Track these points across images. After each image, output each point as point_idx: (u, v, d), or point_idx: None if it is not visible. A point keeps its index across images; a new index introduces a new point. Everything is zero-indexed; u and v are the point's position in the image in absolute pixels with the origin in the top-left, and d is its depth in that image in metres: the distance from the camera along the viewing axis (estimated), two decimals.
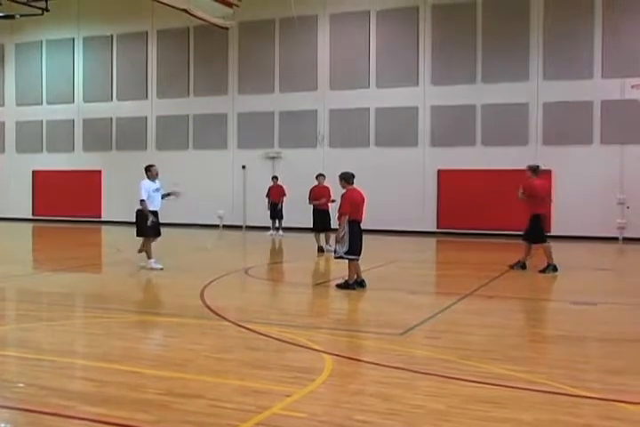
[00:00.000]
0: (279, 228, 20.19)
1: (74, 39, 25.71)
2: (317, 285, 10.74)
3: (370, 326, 7.80)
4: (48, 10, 22.17)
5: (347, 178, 10.05)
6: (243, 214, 22.80)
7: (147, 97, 24.55)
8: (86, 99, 25.56)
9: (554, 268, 11.84)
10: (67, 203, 25.32)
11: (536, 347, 6.75)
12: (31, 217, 26.11)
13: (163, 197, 12.21)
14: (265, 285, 11.20)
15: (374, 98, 21.41)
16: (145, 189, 11.76)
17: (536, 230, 11.95)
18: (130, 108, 24.73)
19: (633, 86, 18.15)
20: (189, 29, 23.55)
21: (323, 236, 15.20)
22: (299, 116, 22.32)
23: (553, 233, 18.91)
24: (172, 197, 12.47)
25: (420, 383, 5.25)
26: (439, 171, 20.76)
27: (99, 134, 25.22)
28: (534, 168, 12.16)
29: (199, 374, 5.46)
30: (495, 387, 5.09)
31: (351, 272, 9.89)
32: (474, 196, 19.97)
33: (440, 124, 20.75)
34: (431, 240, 19.45)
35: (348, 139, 21.72)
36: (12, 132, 26.88)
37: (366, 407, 4.64)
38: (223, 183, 23.24)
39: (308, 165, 20.58)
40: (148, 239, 12.00)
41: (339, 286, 9.95)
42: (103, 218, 24.83)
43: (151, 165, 12.16)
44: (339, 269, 10.65)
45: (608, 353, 6.44)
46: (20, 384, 5.17)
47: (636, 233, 18.50)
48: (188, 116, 23.90)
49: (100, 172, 25.03)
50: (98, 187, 25.06)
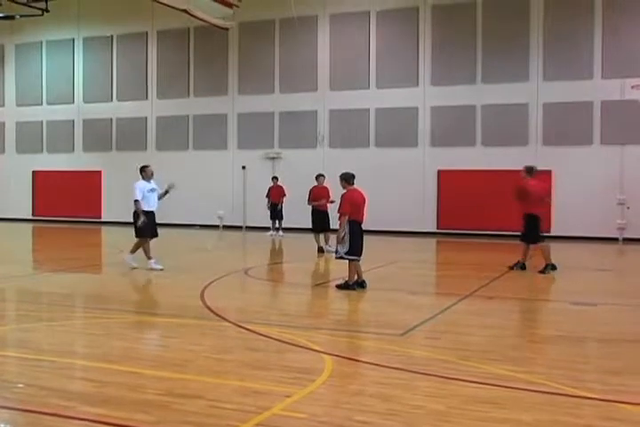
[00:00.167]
0: (279, 228, 20.19)
1: (74, 40, 25.73)
2: (317, 285, 10.74)
3: (370, 326, 7.80)
4: (48, 10, 22.16)
5: (347, 178, 10.04)
6: (243, 215, 22.80)
7: (147, 97, 24.56)
8: (86, 99, 25.57)
9: (552, 267, 11.86)
10: (67, 203, 25.33)
11: (536, 347, 6.75)
12: (31, 217, 26.12)
13: (161, 196, 12.22)
14: (265, 285, 11.20)
15: (374, 98, 21.41)
16: (139, 190, 11.81)
17: (532, 231, 11.97)
18: (130, 108, 24.74)
19: (633, 87, 18.14)
20: (189, 30, 23.56)
21: (322, 236, 15.21)
22: (299, 117, 22.32)
23: (553, 233, 18.95)
24: (171, 190, 12.29)
25: (420, 384, 5.25)
26: (439, 171, 20.76)
27: (99, 135, 25.23)
28: (529, 169, 12.19)
29: (199, 374, 5.46)
30: (495, 387, 5.10)
31: (351, 273, 9.89)
32: (474, 196, 19.97)
33: (440, 125, 20.75)
34: (431, 241, 19.45)
35: (348, 139, 21.72)
36: (12, 133, 26.89)
37: (366, 408, 4.64)
38: (223, 184, 23.24)
39: (308, 166, 20.58)
40: (143, 240, 12.02)
41: (339, 286, 9.94)
42: (103, 218, 24.84)
43: (146, 166, 12.21)
44: (339, 270, 10.65)
45: (608, 354, 6.45)
46: (20, 385, 5.17)
47: (636, 234, 18.50)
48: (188, 116, 23.91)
49: (100, 172, 25.05)
50: (98, 187, 25.07)
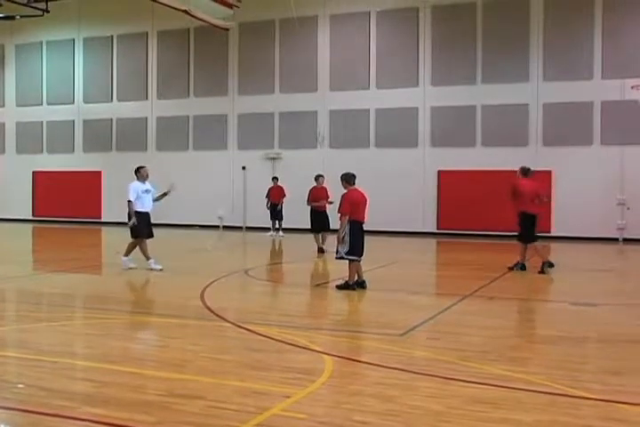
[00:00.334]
0: (279, 229, 20.19)
1: (74, 40, 25.73)
2: (317, 285, 10.74)
3: (370, 326, 7.80)
4: (48, 11, 22.18)
5: (347, 179, 10.05)
6: (243, 215, 22.81)
7: (147, 98, 24.56)
8: (86, 100, 25.58)
9: (549, 264, 11.86)
10: (67, 204, 25.32)
11: (535, 348, 6.75)
12: (31, 218, 26.12)
13: (159, 198, 12.24)
14: (265, 286, 11.20)
15: (374, 99, 21.41)
16: (133, 190, 11.85)
17: (527, 230, 11.98)
18: (130, 108, 24.74)
19: (633, 87, 18.13)
20: (189, 30, 23.56)
21: (320, 236, 15.23)
22: (299, 117, 22.33)
23: (553, 234, 18.98)
24: (171, 192, 12.34)
25: (420, 384, 5.25)
26: (439, 172, 20.76)
27: (99, 135, 25.24)
28: (525, 170, 12.27)
29: (199, 375, 5.46)
30: (494, 388, 5.10)
31: (351, 273, 9.88)
32: (474, 196, 19.96)
33: (440, 125, 20.75)
34: (431, 241, 19.45)
35: (348, 140, 21.72)
36: (13, 133, 26.90)
37: (366, 408, 4.64)
38: (223, 184, 23.25)
39: (308, 166, 20.57)
40: (138, 240, 12.03)
41: (339, 286, 9.94)
42: (103, 219, 24.83)
43: (141, 167, 12.25)
44: (339, 270, 10.65)
45: (608, 354, 6.45)
46: (20, 385, 5.18)
47: (636, 234, 18.49)
48: (188, 116, 23.91)
49: (101, 173, 25.04)
50: (98, 188, 25.07)
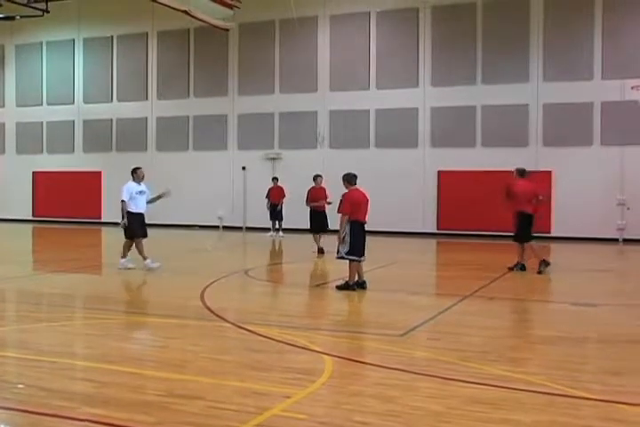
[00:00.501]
0: (279, 229, 20.18)
1: (74, 40, 25.73)
2: (317, 286, 10.74)
3: (370, 327, 7.80)
4: (48, 11, 22.18)
5: (349, 179, 10.07)
6: (243, 215, 22.81)
7: (147, 98, 24.56)
8: (86, 100, 25.58)
9: (545, 263, 11.85)
10: (67, 204, 25.32)
11: (535, 348, 6.75)
12: (31, 218, 26.11)
13: (153, 200, 12.28)
14: (265, 286, 11.20)
15: (374, 99, 21.41)
16: (127, 191, 11.92)
17: (523, 229, 11.98)
18: (130, 109, 24.74)
19: (633, 87, 18.13)
20: (189, 31, 23.56)
21: (320, 236, 15.23)
22: (299, 118, 22.33)
23: (553, 234, 18.99)
24: (165, 196, 12.48)
25: (420, 385, 5.25)
26: (439, 172, 20.76)
27: (99, 135, 25.23)
28: (521, 171, 12.33)
29: (199, 375, 5.46)
30: (494, 388, 5.10)
31: (351, 273, 9.88)
32: (474, 197, 19.94)
33: (440, 126, 20.74)
34: (431, 241, 19.45)
35: (348, 140, 21.72)
36: (13, 134, 26.90)
37: (366, 409, 4.64)
38: (223, 184, 23.24)
39: (308, 167, 20.54)
40: (132, 241, 12.05)
41: (339, 287, 9.94)
42: (103, 219, 24.81)
43: (137, 168, 12.32)
44: (339, 270, 10.65)
45: (607, 354, 6.45)
46: (20, 385, 5.18)
47: (636, 234, 18.48)
48: (188, 117, 23.91)
49: (101, 173, 25.03)
50: (98, 188, 25.05)
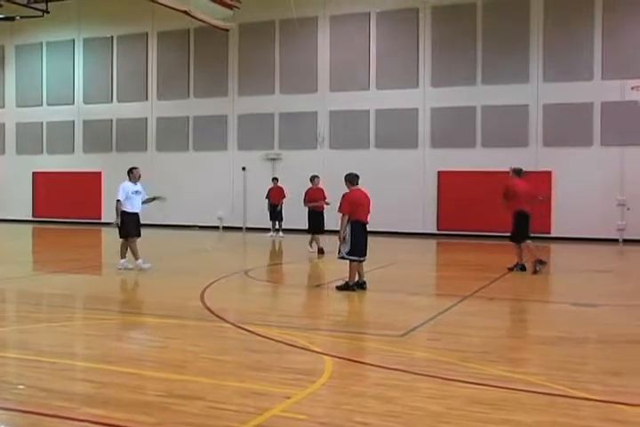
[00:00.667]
0: (279, 229, 20.18)
1: (74, 41, 25.73)
2: (317, 286, 10.74)
3: (370, 327, 7.80)
4: (48, 11, 22.18)
5: (351, 179, 10.07)
6: (243, 216, 22.80)
7: (147, 98, 24.56)
8: (86, 100, 25.57)
9: (540, 262, 11.84)
10: (67, 204, 25.32)
11: (536, 349, 6.75)
12: (31, 219, 26.11)
13: (147, 201, 12.33)
14: (265, 286, 11.19)
15: (374, 99, 21.40)
16: (123, 191, 11.96)
17: (521, 228, 11.99)
18: (130, 109, 24.74)
19: (633, 88, 18.12)
20: (189, 31, 23.56)
21: (320, 237, 15.23)
22: (299, 118, 22.33)
23: (553, 235, 18.99)
24: (158, 200, 12.61)
25: (420, 385, 5.25)
26: (439, 172, 20.75)
27: (99, 136, 25.23)
28: (518, 171, 12.36)
29: (199, 375, 5.46)
30: (495, 389, 5.10)
31: (351, 273, 9.87)
32: (474, 197, 19.93)
33: (440, 126, 20.74)
34: (431, 242, 19.44)
35: (348, 140, 21.71)
36: (13, 134, 26.89)
37: (366, 409, 4.64)
38: (223, 185, 23.24)
39: (308, 167, 20.50)
40: (131, 240, 12.06)
41: (339, 287, 9.93)
42: (103, 220, 24.78)
43: (134, 168, 12.36)
44: (339, 271, 10.65)
45: (607, 355, 6.45)
46: (21, 386, 5.18)
47: (637, 235, 18.46)
48: (188, 117, 23.91)
49: (101, 173, 25.02)
50: (98, 188, 25.04)
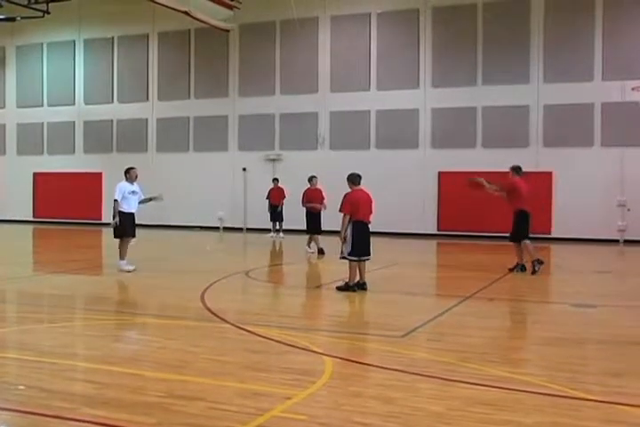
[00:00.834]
0: (280, 230, 20.18)
1: (74, 41, 25.75)
2: (318, 287, 10.75)
3: (370, 328, 7.80)
4: (49, 12, 22.22)
5: (352, 179, 10.08)
6: (243, 216, 22.80)
7: (147, 99, 24.57)
8: (87, 101, 25.59)
9: (539, 261, 11.83)
10: (67, 205, 25.33)
11: (536, 349, 6.75)
12: (32, 219, 26.13)
13: (144, 201, 12.34)
14: (265, 287, 11.19)
15: (375, 100, 21.41)
16: (120, 190, 11.97)
17: (521, 227, 11.98)
18: (130, 110, 24.75)
19: (633, 88, 18.14)
20: (190, 32, 23.57)
21: (319, 237, 15.23)
22: (299, 119, 22.33)
23: (553, 235, 19.00)
24: (156, 200, 12.63)
25: (421, 386, 5.25)
26: (440, 173, 20.76)
27: (99, 136, 25.25)
28: (518, 169, 12.36)
29: (199, 376, 5.46)
30: (495, 389, 5.09)
31: (352, 274, 9.86)
32: (474, 198, 19.82)
33: (441, 127, 20.75)
34: (432, 242, 19.45)
35: (348, 141, 21.72)
36: (13, 135, 26.91)
37: (366, 410, 4.64)
38: (224, 185, 23.24)
39: (308, 168, 20.47)
40: (123, 240, 12.07)
41: (339, 288, 9.92)
42: (104, 220, 24.75)
43: (131, 168, 12.37)
44: (339, 271, 10.64)
45: (608, 355, 6.44)
46: (21, 387, 5.17)
47: (637, 235, 18.47)
48: (188, 118, 23.92)
49: (101, 174, 25.03)
50: (98, 189, 25.05)
